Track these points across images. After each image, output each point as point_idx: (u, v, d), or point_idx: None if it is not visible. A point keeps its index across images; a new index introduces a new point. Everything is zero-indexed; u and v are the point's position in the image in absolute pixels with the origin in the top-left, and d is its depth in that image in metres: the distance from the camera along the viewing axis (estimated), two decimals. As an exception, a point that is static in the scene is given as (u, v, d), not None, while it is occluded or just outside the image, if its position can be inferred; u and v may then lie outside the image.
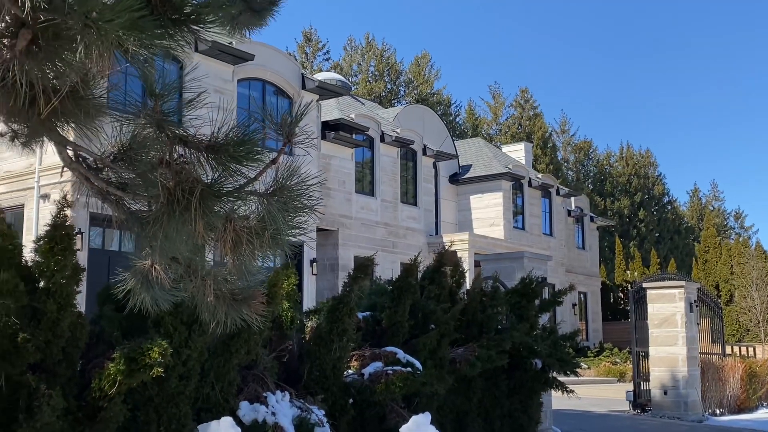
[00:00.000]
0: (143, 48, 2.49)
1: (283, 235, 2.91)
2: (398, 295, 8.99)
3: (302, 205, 2.89)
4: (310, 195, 2.92)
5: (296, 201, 2.87)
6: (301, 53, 54.09)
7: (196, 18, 2.65)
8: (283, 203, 2.85)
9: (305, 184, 2.92)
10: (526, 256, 14.13)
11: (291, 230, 2.94)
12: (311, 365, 7.71)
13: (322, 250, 25.26)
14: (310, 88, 22.94)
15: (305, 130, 3.02)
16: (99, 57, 2.43)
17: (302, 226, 2.93)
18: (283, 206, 2.85)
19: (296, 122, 2.93)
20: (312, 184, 2.94)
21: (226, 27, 3.00)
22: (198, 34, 2.72)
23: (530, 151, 40.20)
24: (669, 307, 15.98)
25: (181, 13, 2.61)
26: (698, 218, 63.09)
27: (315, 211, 2.89)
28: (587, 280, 39.15)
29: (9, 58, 2.36)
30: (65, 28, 2.29)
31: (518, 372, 10.40)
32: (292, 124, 2.92)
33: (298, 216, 2.84)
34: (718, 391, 17.40)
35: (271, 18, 3.19)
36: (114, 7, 2.23)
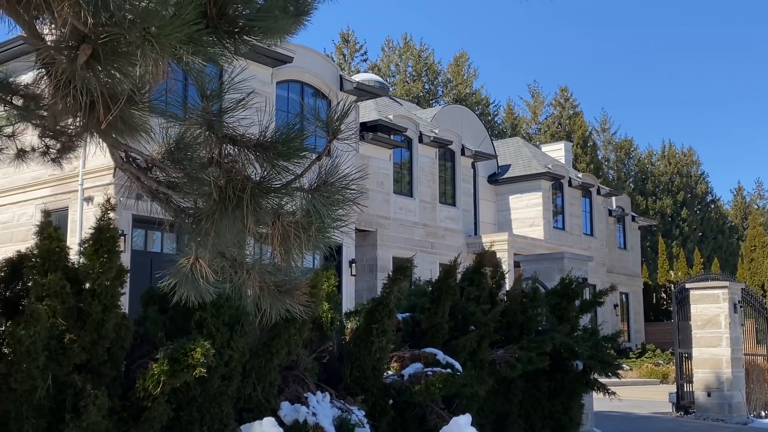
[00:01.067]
0: (196, 56, 2.55)
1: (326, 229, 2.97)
2: (437, 296, 8.98)
3: (344, 198, 2.94)
4: (351, 189, 2.98)
5: (338, 195, 2.93)
6: (339, 54, 54.29)
7: (249, 30, 2.71)
8: (327, 197, 2.91)
9: (347, 179, 2.98)
10: (566, 256, 14.02)
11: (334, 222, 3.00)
12: (351, 366, 7.74)
13: (361, 251, 25.33)
14: (347, 89, 23.01)
15: (350, 127, 3.07)
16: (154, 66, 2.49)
17: (344, 219, 2.99)
18: (326, 200, 2.91)
19: (342, 118, 2.98)
20: (353, 179, 3.00)
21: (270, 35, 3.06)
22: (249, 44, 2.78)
23: (570, 150, 39.84)
24: (712, 308, 15.73)
25: (236, 25, 2.68)
26: (742, 217, 61.97)
27: (356, 203, 2.95)
28: (629, 280, 38.68)
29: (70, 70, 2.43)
30: (125, 42, 2.35)
31: (559, 373, 10.32)
32: (338, 121, 2.97)
33: (340, 209, 2.90)
34: (763, 393, 17.09)
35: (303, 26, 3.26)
36: (173, 21, 2.29)
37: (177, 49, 2.33)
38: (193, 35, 2.33)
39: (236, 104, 2.89)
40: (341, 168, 2.95)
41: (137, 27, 2.30)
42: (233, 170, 2.82)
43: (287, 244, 2.91)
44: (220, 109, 3.01)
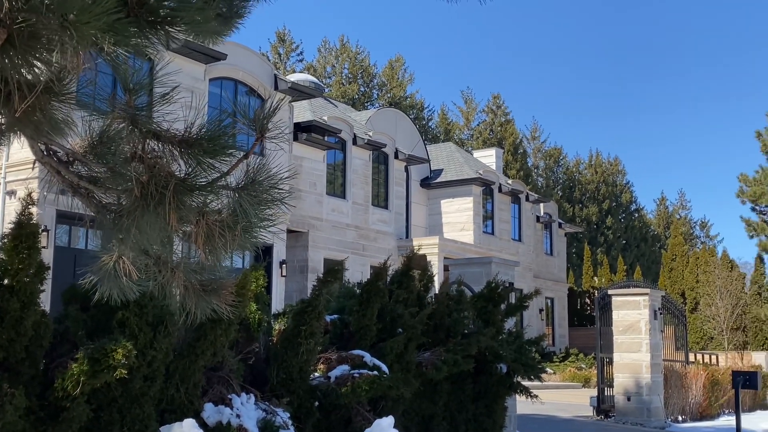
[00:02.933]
0: (117, 46, 2.50)
1: (253, 228, 2.93)
2: (367, 298, 9.00)
3: (272, 198, 2.91)
4: (280, 188, 2.95)
5: (267, 194, 2.89)
6: (275, 54, 53.94)
7: (171, 21, 2.66)
8: (254, 196, 2.88)
9: (276, 177, 2.94)
10: (494, 261, 14.23)
11: (261, 222, 2.96)
12: (278, 368, 7.70)
13: (292, 252, 25.21)
14: (282, 89, 22.89)
15: (278, 125, 3.04)
16: (74, 55, 2.43)
17: (273, 219, 2.96)
18: (254, 199, 2.88)
19: (269, 117, 2.95)
20: (283, 178, 2.97)
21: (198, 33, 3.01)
22: (172, 35, 2.73)
23: (501, 156, 40.46)
24: (633, 314, 16.16)
25: (157, 15, 2.62)
26: (665, 226, 63.89)
27: (285, 203, 2.92)
28: (555, 285, 39.46)
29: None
30: (42, 28, 2.29)
31: (484, 376, 10.46)
32: (265, 119, 2.94)
33: (268, 209, 2.87)
34: (681, 398, 17.63)
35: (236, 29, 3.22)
36: (91, 9, 2.24)
37: (98, 38, 2.27)
38: (113, 24, 2.28)
39: (161, 98, 2.84)
40: (271, 167, 2.93)
41: (55, 14, 2.25)
42: (156, 166, 2.77)
43: (212, 243, 2.88)
44: (150, 103, 2.95)
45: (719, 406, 19.11)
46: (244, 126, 2.90)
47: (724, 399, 19.21)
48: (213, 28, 3.11)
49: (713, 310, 36.84)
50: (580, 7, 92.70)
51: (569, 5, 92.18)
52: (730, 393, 18.37)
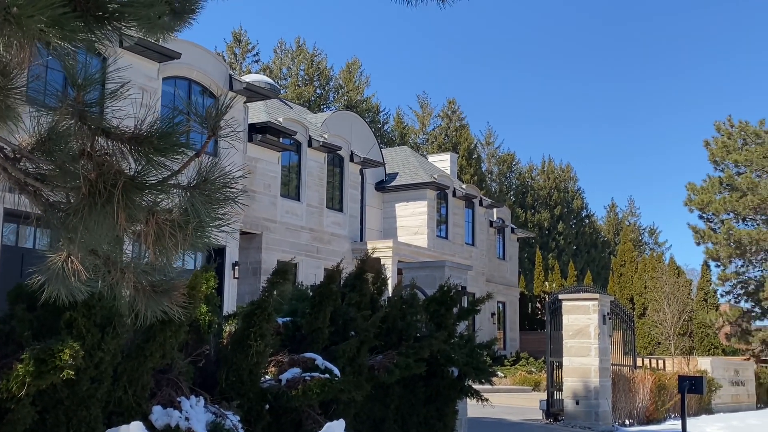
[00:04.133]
0: (65, 41, 2.44)
1: (205, 228, 2.89)
2: (319, 301, 8.97)
3: (225, 197, 2.87)
4: (233, 187, 2.91)
5: (219, 193, 2.85)
6: (230, 54, 53.53)
7: (119, 16, 2.62)
8: (206, 196, 2.83)
9: (228, 176, 2.90)
10: (447, 265, 14.33)
11: (213, 222, 2.92)
12: (228, 370, 7.63)
13: (245, 254, 25.02)
14: (237, 89, 22.72)
15: (230, 124, 3.00)
16: (19, 49, 2.37)
17: (225, 218, 2.92)
18: (206, 199, 2.83)
19: (221, 115, 2.90)
20: (236, 177, 2.93)
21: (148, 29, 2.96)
22: (121, 31, 2.68)
23: (455, 161, 40.71)
24: (583, 319, 16.38)
25: (105, 10, 2.57)
26: (614, 233, 64.92)
27: (238, 202, 2.88)
28: (506, 290, 39.83)
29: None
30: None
31: (435, 380, 10.50)
32: (216, 117, 2.89)
33: (220, 208, 2.83)
34: (628, 402, 17.91)
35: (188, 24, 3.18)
36: (35, 3, 2.18)
37: (43, 32, 2.22)
38: (58, 18, 2.23)
39: (110, 95, 2.79)
40: (224, 166, 2.89)
41: (-2, 6, 2.20)
42: (105, 164, 2.71)
43: (162, 243, 2.83)
44: (101, 100, 2.90)
45: (666, 411, 19.46)
46: (196, 124, 2.86)
47: (671, 403, 19.57)
48: (164, 24, 3.06)
49: (661, 316, 37.52)
50: (536, 14, 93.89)
51: (525, 12, 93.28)
52: (677, 397, 18.73)
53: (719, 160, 35.56)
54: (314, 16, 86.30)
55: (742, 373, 25.41)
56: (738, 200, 32.77)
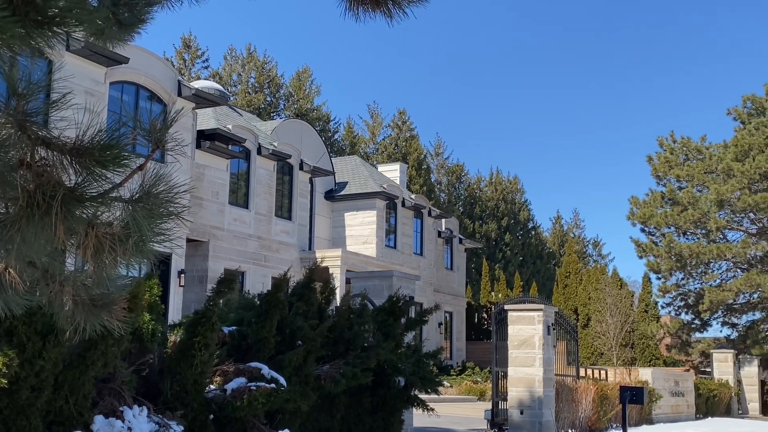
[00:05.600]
0: (4, 47, 2.40)
1: (147, 242, 2.85)
2: (266, 310, 8.93)
3: (168, 212, 2.83)
4: (177, 202, 2.87)
5: (162, 208, 2.81)
6: (179, 59, 52.98)
7: (61, 21, 2.58)
8: (149, 210, 2.79)
9: (173, 191, 2.86)
10: (395, 275, 14.37)
11: (156, 237, 2.87)
12: (172, 380, 7.54)
13: (192, 262, 24.73)
14: (186, 95, 22.51)
15: (175, 138, 2.97)
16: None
17: (168, 234, 2.88)
18: (148, 213, 2.79)
19: (166, 128, 2.87)
20: (180, 192, 2.89)
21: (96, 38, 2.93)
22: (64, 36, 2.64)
23: (405, 171, 40.90)
24: (528, 329, 16.57)
25: (45, 15, 2.53)
26: (560, 244, 65.86)
27: (182, 218, 2.85)
28: (454, 300, 40.08)
29: None
30: None
31: (382, 389, 10.52)
32: (161, 130, 2.86)
33: (164, 223, 2.78)
34: (571, 412, 18.15)
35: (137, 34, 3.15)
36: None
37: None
38: (-1, 23, 2.19)
39: (52, 104, 2.75)
40: (169, 179, 2.86)
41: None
42: (44, 175, 2.67)
43: (101, 257, 2.79)
44: (46, 106, 2.85)
45: (608, 420, 19.77)
46: (140, 136, 2.82)
47: (613, 413, 19.88)
48: (110, 33, 3.03)
49: (603, 327, 38.15)
50: (484, 26, 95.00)
51: (474, 24, 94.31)
52: (619, 407, 19.05)
53: (662, 174, 36.36)
54: (265, 24, 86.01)
55: (681, 383, 25.95)
56: (679, 214, 33.54)
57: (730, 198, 31.97)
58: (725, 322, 36.17)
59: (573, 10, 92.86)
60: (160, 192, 2.73)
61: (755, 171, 31.65)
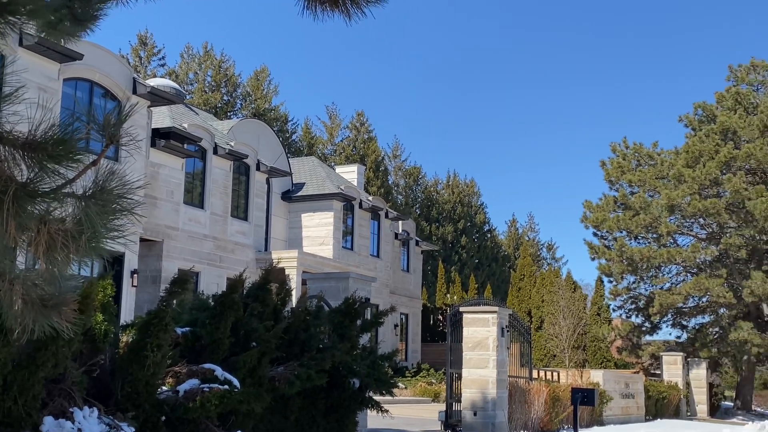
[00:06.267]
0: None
1: (100, 239, 2.81)
2: (221, 311, 8.87)
3: (121, 208, 2.80)
4: (130, 198, 2.84)
5: (115, 204, 2.78)
6: (135, 56, 52.29)
7: (14, 9, 2.53)
8: (102, 206, 2.76)
9: (126, 187, 2.83)
10: (352, 276, 14.37)
11: (109, 233, 2.84)
12: (124, 381, 7.45)
13: (145, 262, 24.43)
14: (141, 93, 22.23)
15: (130, 133, 2.93)
16: None
17: (121, 230, 2.85)
18: (101, 209, 2.76)
19: (120, 123, 2.84)
20: (134, 188, 2.86)
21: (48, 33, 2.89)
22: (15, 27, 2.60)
23: (363, 173, 40.92)
24: (482, 331, 16.70)
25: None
26: (515, 247, 66.47)
27: (135, 214, 2.81)
28: (410, 302, 40.20)
29: None
30: None
31: (336, 391, 10.52)
32: (115, 125, 2.83)
33: (117, 219, 2.75)
34: (524, 413, 18.33)
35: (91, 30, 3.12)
36: None
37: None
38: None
39: (5, 98, 2.70)
40: (123, 175, 2.83)
41: None
42: (-5, 169, 2.61)
43: (53, 254, 2.74)
44: (-1, 100, 2.80)
45: (559, 422, 20.01)
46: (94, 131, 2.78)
47: (564, 414, 20.13)
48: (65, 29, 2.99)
49: (556, 329, 38.61)
50: (442, 28, 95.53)
51: (432, 26, 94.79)
52: (570, 409, 19.30)
53: (614, 179, 36.94)
54: (223, 22, 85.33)
55: (632, 385, 26.38)
56: (631, 219, 34.11)
57: (680, 203, 32.61)
58: (675, 325, 36.91)
59: (530, 14, 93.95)
60: (113, 188, 2.69)
61: (705, 177, 32.34)
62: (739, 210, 31.90)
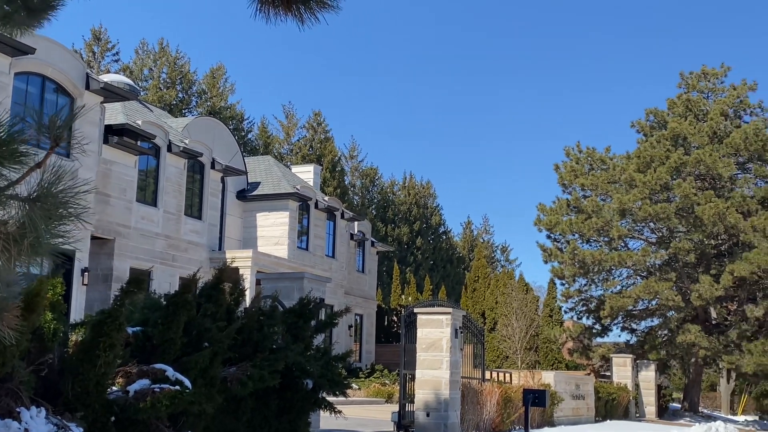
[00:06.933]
0: None
1: (44, 243, 2.75)
2: (173, 311, 8.79)
3: (68, 213, 2.74)
4: (77, 203, 2.78)
5: (61, 208, 2.72)
6: (89, 51, 51.46)
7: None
8: (47, 210, 2.70)
9: (74, 190, 2.77)
10: (306, 276, 14.35)
11: (54, 239, 2.78)
12: (73, 380, 7.34)
13: (96, 260, 24.05)
14: (94, 89, 21.89)
15: (80, 134, 2.89)
16: None
17: (67, 236, 2.79)
18: (46, 213, 2.70)
19: (66, 125, 2.79)
20: (82, 192, 2.80)
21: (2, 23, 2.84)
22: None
23: (319, 173, 40.82)
24: (436, 332, 16.80)
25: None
26: (469, 249, 66.95)
27: (82, 220, 2.76)
28: (365, 302, 40.23)
29: None
30: None
31: (289, 392, 10.49)
32: (61, 127, 2.77)
33: (63, 224, 2.70)
34: (476, 414, 18.48)
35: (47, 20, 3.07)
36: None
37: None
38: None
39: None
40: (73, 176, 2.78)
41: None
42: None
43: (-7, 257, 2.68)
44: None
45: (511, 423, 20.21)
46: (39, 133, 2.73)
47: (516, 415, 20.34)
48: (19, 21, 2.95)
49: (509, 331, 38.98)
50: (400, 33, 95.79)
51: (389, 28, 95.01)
52: (522, 410, 19.51)
53: (567, 183, 37.42)
54: (180, 19, 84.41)
55: (582, 387, 26.76)
56: (583, 222, 34.58)
57: (631, 207, 33.17)
58: (625, 328, 37.52)
59: (490, 19, 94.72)
60: (59, 191, 2.64)
61: (656, 182, 32.95)
62: (688, 215, 32.55)
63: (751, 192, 34.34)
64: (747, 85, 36.92)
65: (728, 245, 34.24)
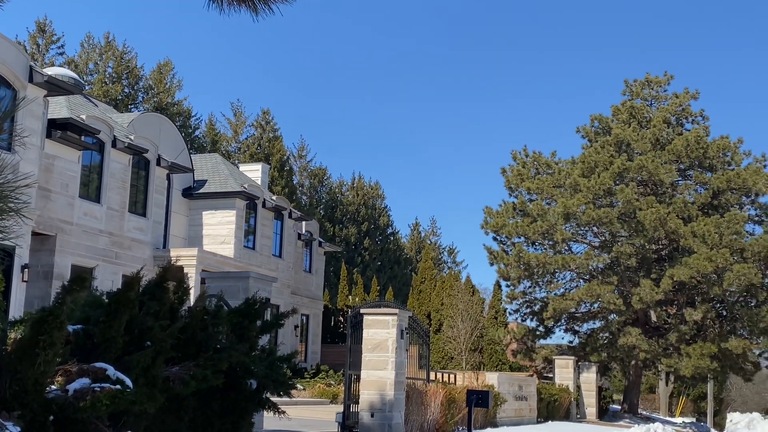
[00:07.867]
0: None
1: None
2: (115, 309, 8.65)
3: (8, 207, 2.69)
4: (18, 197, 2.73)
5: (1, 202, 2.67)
6: (33, 44, 50.32)
7: None
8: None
9: (14, 184, 2.72)
10: (252, 276, 14.27)
11: (-8, 234, 2.73)
12: (11, 379, 7.18)
13: (37, 256, 23.53)
14: (38, 82, 21.43)
15: (17, 128, 2.85)
16: None
17: (6, 231, 2.74)
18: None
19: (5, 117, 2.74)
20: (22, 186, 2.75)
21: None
22: None
23: (267, 172, 40.57)
24: (382, 333, 16.86)
25: None
26: (417, 251, 67.27)
27: (22, 215, 2.71)
28: (311, 303, 40.11)
29: None
30: None
31: (233, 392, 10.41)
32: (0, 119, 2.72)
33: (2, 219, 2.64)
34: (420, 414, 18.58)
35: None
36: None
37: None
38: None
39: None
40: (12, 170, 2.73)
41: None
42: None
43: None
44: None
45: (455, 423, 20.37)
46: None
47: (460, 416, 20.51)
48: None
49: (455, 332, 39.27)
50: (351, 33, 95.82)
51: (339, 28, 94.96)
52: (465, 411, 19.68)
53: (514, 186, 37.87)
54: (126, 12, 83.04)
55: (525, 388, 27.10)
56: (529, 225, 35.04)
57: (575, 212, 33.71)
58: (568, 330, 38.12)
59: (434, 25, 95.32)
60: (-1, 185, 2.59)
61: (600, 187, 33.56)
62: (630, 220, 33.22)
63: (691, 198, 35.20)
64: (689, 93, 37.84)
65: (669, 250, 35.05)
